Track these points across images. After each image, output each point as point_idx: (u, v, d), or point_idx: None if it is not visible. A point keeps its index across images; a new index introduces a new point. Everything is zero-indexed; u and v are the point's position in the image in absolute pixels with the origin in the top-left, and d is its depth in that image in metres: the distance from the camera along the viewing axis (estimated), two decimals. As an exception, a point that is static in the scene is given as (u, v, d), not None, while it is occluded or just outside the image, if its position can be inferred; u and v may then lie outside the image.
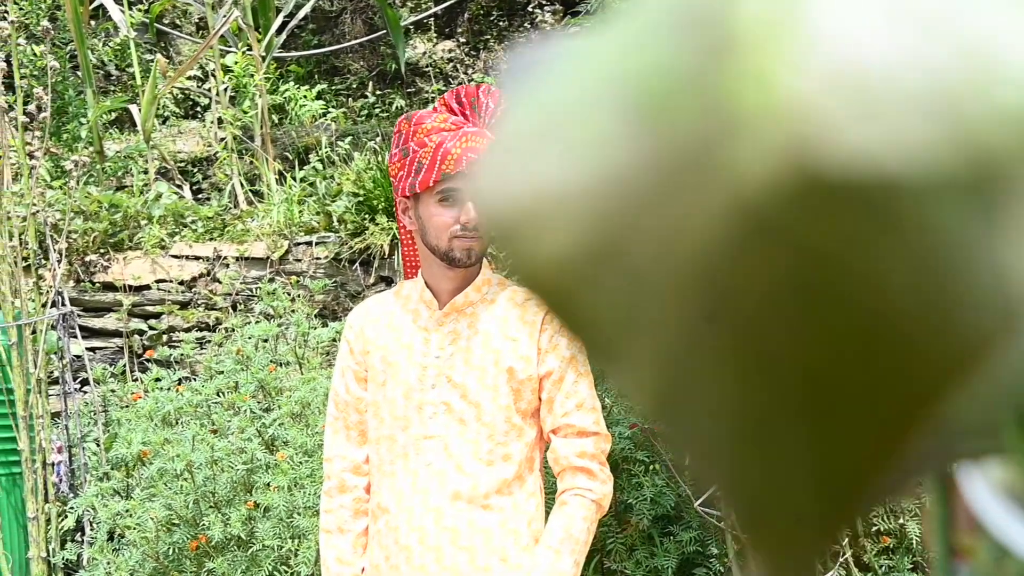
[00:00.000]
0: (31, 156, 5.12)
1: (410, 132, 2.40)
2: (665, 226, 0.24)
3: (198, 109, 8.73)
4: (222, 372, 4.64)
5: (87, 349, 5.46)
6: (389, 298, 2.59)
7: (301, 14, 7.81)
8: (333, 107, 8.18)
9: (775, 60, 0.24)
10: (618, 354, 0.27)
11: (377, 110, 8.43)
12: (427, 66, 8.76)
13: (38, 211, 5.18)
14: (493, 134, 0.28)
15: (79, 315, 5.54)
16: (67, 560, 4.79)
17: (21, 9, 8.14)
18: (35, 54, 7.72)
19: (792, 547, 0.27)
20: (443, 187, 2.34)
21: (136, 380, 5.38)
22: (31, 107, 4.95)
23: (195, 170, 7.78)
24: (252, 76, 7.19)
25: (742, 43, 0.24)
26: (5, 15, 5.07)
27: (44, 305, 5.10)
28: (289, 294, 5.36)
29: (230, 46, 7.64)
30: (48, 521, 4.83)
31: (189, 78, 8.50)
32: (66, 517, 4.75)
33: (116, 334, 5.67)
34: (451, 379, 2.40)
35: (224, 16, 7.15)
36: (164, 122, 8.38)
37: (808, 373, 0.25)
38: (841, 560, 3.76)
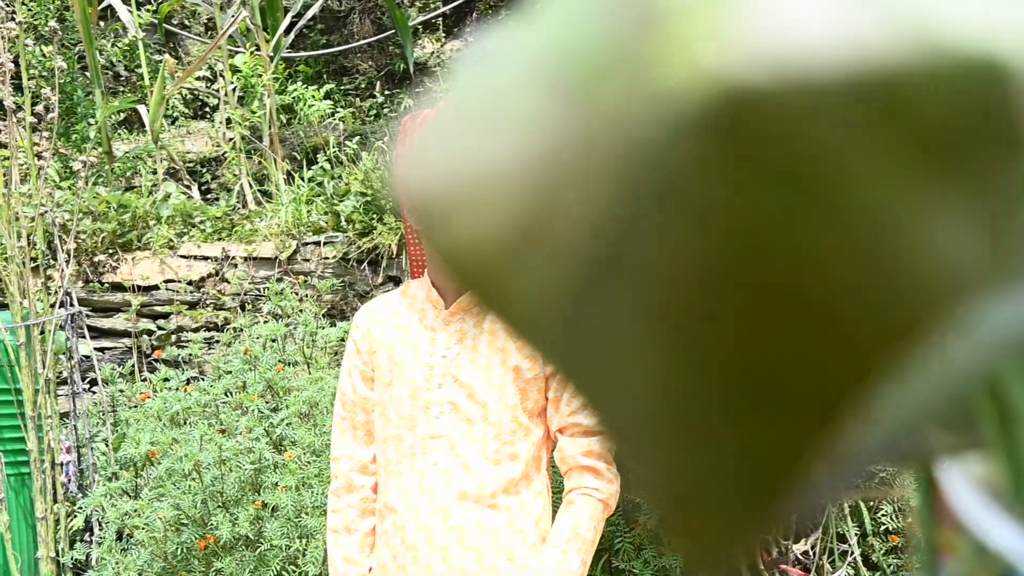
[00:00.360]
0: (39, 156, 5.13)
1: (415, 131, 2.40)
2: (594, 205, 0.24)
3: (207, 109, 8.74)
4: (230, 372, 4.64)
5: (96, 349, 5.47)
6: (395, 298, 2.59)
7: (309, 14, 7.82)
8: (341, 107, 8.18)
9: (702, 32, 0.23)
10: (541, 334, 0.26)
11: (385, 110, 8.43)
12: (435, 66, 8.76)
13: (46, 211, 5.19)
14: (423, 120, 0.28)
15: (88, 315, 5.54)
16: (76, 560, 4.79)
17: (30, 10, 8.16)
18: (43, 55, 7.73)
19: (713, 537, 0.27)
20: (448, 186, 2.33)
21: (145, 380, 5.39)
22: (39, 108, 4.95)
23: (203, 170, 7.79)
24: (260, 76, 7.20)
25: (669, 16, 0.24)
26: (13, 16, 5.07)
27: (52, 306, 5.11)
28: (297, 294, 5.36)
29: (239, 46, 7.65)
30: (57, 521, 4.84)
31: (198, 78, 8.51)
32: (75, 517, 4.76)
33: (125, 334, 5.67)
34: (457, 378, 2.40)
35: (232, 16, 7.16)
36: (173, 123, 8.39)
37: (733, 355, 0.24)
38: (850, 559, 3.76)
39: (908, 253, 0.24)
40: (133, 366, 5.53)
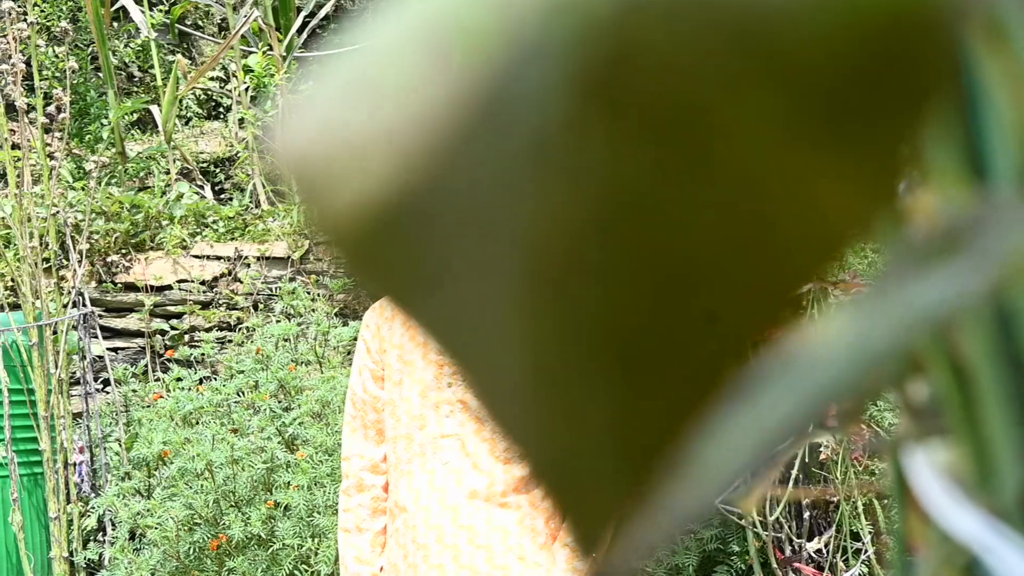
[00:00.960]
0: (51, 157, 5.14)
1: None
2: (470, 167, 0.23)
3: (220, 110, 8.75)
4: (242, 372, 4.65)
5: (109, 349, 5.48)
6: (405, 296, 2.59)
7: (322, 14, 7.82)
8: (354, 106, 8.17)
9: None
10: (417, 302, 0.26)
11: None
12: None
13: (58, 212, 5.20)
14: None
15: (101, 316, 5.55)
16: (89, 560, 4.80)
17: (43, 11, 8.18)
18: (56, 56, 7.76)
19: (591, 513, 0.26)
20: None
21: (158, 380, 5.40)
22: (51, 108, 4.96)
23: (216, 170, 7.80)
24: (273, 76, 7.20)
25: None
26: (24, 16, 5.08)
27: (65, 306, 5.11)
28: (309, 293, 5.36)
29: (251, 46, 7.66)
30: (70, 521, 4.85)
31: (211, 79, 8.53)
32: (88, 517, 4.77)
33: (138, 334, 5.68)
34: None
35: (245, 17, 7.17)
36: (186, 123, 8.41)
37: (606, 321, 0.24)
38: (864, 557, 3.74)
39: (787, 218, 0.23)
40: (146, 366, 5.54)
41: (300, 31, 7.61)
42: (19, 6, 5.23)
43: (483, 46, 0.23)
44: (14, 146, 5.06)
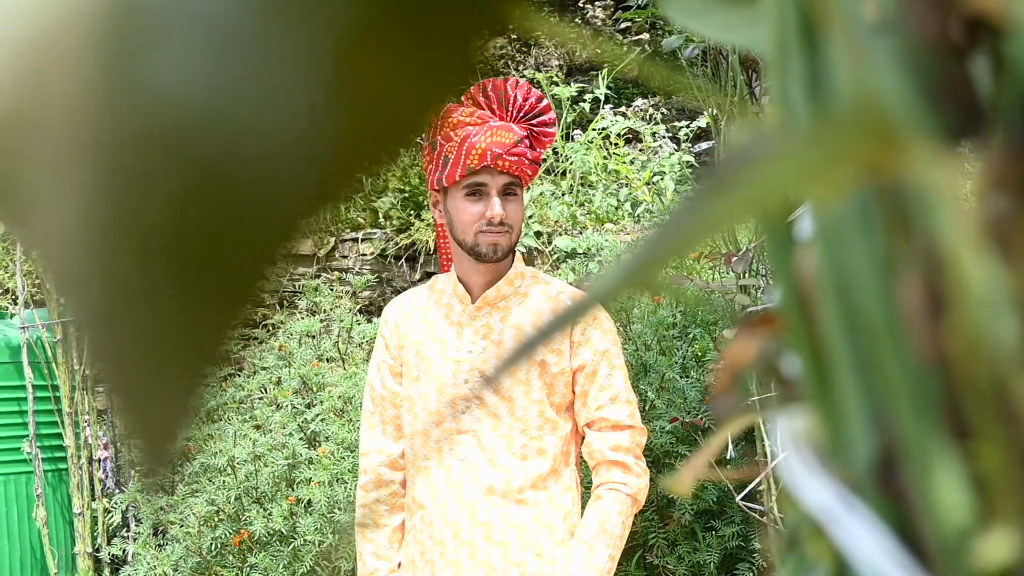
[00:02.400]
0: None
1: (437, 124, 2.39)
2: (71, 83, 0.23)
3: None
4: (265, 368, 4.66)
5: (135, 346, 5.50)
6: (423, 292, 2.59)
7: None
8: (380, 103, 8.20)
9: None
10: (23, 223, 0.25)
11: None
12: (478, 62, 8.78)
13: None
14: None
15: (127, 312, 5.57)
16: (113, 555, 4.83)
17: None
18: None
19: (160, 419, 0.26)
20: (468, 181, 2.33)
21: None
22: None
23: (243, 168, 7.84)
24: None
25: None
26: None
27: (91, 303, 5.14)
28: (333, 290, 5.37)
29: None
30: (94, 517, 4.87)
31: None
32: (112, 514, 4.80)
33: (164, 331, 5.70)
34: (484, 373, 2.39)
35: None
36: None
37: (172, 230, 0.23)
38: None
39: (356, 115, 0.24)
40: (172, 362, 5.55)
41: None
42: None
43: None
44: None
